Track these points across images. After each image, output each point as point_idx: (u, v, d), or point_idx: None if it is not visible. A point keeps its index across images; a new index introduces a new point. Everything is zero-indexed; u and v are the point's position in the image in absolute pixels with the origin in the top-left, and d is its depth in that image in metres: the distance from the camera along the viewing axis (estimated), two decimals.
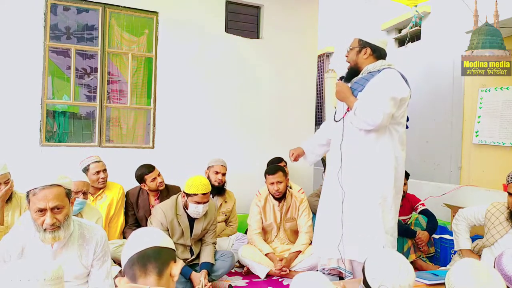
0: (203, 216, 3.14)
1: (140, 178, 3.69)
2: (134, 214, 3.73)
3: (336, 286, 2.17)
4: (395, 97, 2.63)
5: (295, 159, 3.27)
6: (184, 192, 3.04)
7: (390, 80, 2.67)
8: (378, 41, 2.82)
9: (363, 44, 2.79)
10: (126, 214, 3.72)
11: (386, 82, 2.66)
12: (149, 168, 3.69)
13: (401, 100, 2.67)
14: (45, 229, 1.83)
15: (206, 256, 3.13)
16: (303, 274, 1.54)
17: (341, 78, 2.89)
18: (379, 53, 2.80)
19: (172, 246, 1.42)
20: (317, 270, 3.04)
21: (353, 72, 2.83)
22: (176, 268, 1.36)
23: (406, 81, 2.73)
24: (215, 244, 3.29)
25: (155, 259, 1.31)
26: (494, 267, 1.77)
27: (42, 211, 1.81)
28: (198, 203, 2.99)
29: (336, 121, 2.91)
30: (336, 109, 3.00)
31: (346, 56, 2.89)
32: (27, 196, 1.82)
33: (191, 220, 3.12)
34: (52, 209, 1.81)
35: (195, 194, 2.97)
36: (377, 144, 2.73)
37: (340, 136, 2.82)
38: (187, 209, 3.04)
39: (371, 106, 2.60)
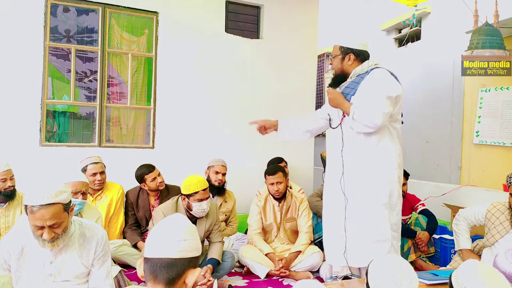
0: (205, 217, 3.13)
1: (140, 178, 3.69)
2: (134, 214, 3.73)
3: (335, 286, 2.17)
4: (390, 96, 2.63)
5: (264, 132, 3.09)
6: (183, 194, 3.02)
7: (382, 79, 2.67)
8: (359, 45, 2.80)
9: (345, 51, 2.79)
10: (126, 214, 3.72)
11: (379, 82, 2.66)
12: (149, 168, 3.69)
13: (396, 97, 2.68)
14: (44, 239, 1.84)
15: (213, 253, 3.11)
16: (302, 282, 1.53)
17: (329, 85, 2.88)
18: (362, 57, 2.80)
19: (195, 253, 1.28)
20: (331, 277, 3.02)
21: (341, 78, 2.83)
22: (192, 276, 1.26)
23: (396, 78, 2.74)
24: (223, 243, 3.28)
25: (167, 271, 1.22)
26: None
27: (41, 227, 1.81)
28: (201, 200, 2.98)
29: (333, 128, 2.90)
30: (330, 116, 2.98)
31: (330, 64, 2.90)
32: (26, 208, 1.82)
33: (193, 223, 3.10)
34: (50, 226, 1.81)
35: (195, 193, 2.96)
36: (380, 144, 2.73)
37: (339, 143, 2.80)
38: (191, 210, 3.02)
39: (369, 108, 2.60)
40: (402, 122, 2.89)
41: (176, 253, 1.23)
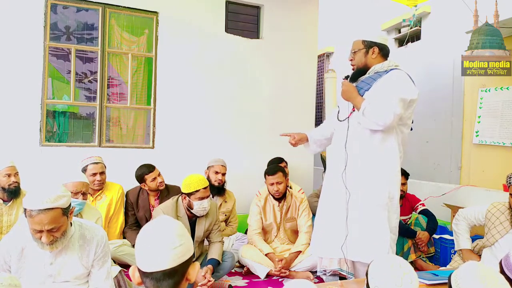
0: (205, 217, 3.13)
1: (140, 178, 3.69)
2: (134, 214, 3.73)
3: (334, 286, 2.17)
4: (405, 98, 2.62)
5: (295, 144, 3.14)
6: (184, 193, 3.03)
7: (400, 81, 2.67)
8: (381, 39, 2.82)
9: (369, 45, 2.77)
10: (126, 214, 3.73)
11: (396, 83, 2.65)
12: (149, 168, 3.69)
13: (410, 101, 2.66)
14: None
15: (213, 253, 3.11)
16: (294, 281, 1.52)
17: (346, 77, 2.86)
18: (385, 51, 2.80)
19: (191, 252, 1.27)
20: (317, 271, 3.03)
21: (361, 72, 2.81)
22: (193, 271, 1.26)
23: (413, 82, 2.73)
24: (223, 243, 3.29)
25: (170, 278, 1.21)
26: (503, 270, 1.75)
27: (39, 231, 1.81)
28: (202, 198, 2.99)
29: (340, 121, 2.88)
30: (339, 108, 2.96)
31: (351, 60, 2.85)
32: (25, 211, 1.82)
33: (192, 223, 3.12)
34: (48, 230, 1.81)
35: (196, 191, 2.97)
36: (384, 144, 2.72)
37: (344, 136, 2.79)
38: (192, 209, 3.02)
39: (381, 106, 2.58)
40: (411, 129, 2.87)
41: (175, 262, 1.21)
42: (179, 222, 1.31)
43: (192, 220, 3.11)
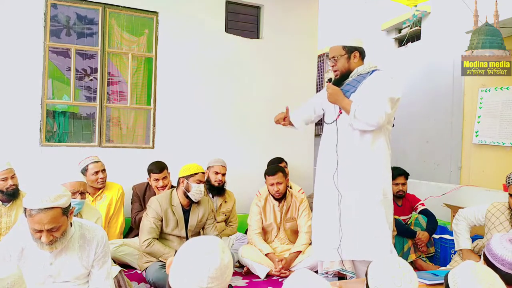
0: (197, 207, 3.25)
1: (148, 172, 3.79)
2: (141, 205, 3.77)
3: (333, 286, 2.17)
4: (393, 97, 2.68)
5: (285, 122, 3.16)
6: (183, 177, 3.17)
7: (386, 81, 2.72)
8: (358, 42, 2.86)
9: (350, 50, 2.81)
10: (132, 203, 3.80)
11: (382, 83, 2.70)
12: (158, 168, 3.74)
13: (397, 100, 2.73)
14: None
15: None
16: (297, 273, 1.52)
17: (329, 80, 2.88)
18: (364, 54, 2.86)
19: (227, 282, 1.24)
20: (317, 271, 3.02)
21: (345, 77, 2.84)
22: None
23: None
24: (220, 237, 3.30)
25: None
26: (485, 255, 1.78)
27: (39, 231, 1.81)
28: (200, 181, 3.17)
29: (328, 124, 2.91)
30: (324, 111, 2.98)
31: (332, 66, 2.88)
32: (25, 211, 1.82)
33: (186, 212, 3.23)
34: (48, 230, 1.81)
35: (196, 174, 3.16)
36: (375, 143, 2.75)
37: (334, 139, 2.81)
38: (189, 192, 3.15)
39: (372, 107, 2.62)
40: (393, 125, 2.93)
41: None
42: (225, 262, 1.29)
43: (186, 210, 3.23)
